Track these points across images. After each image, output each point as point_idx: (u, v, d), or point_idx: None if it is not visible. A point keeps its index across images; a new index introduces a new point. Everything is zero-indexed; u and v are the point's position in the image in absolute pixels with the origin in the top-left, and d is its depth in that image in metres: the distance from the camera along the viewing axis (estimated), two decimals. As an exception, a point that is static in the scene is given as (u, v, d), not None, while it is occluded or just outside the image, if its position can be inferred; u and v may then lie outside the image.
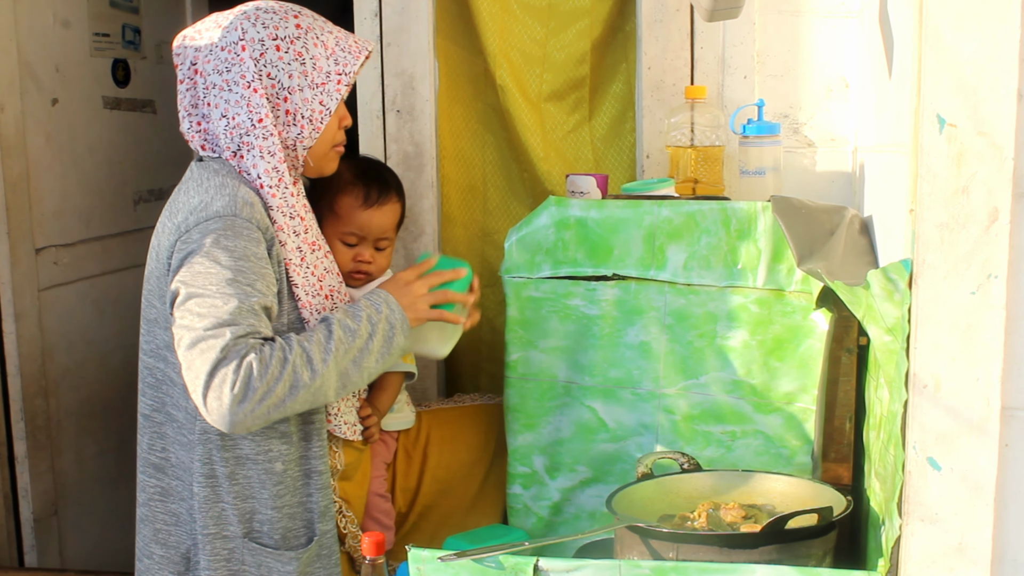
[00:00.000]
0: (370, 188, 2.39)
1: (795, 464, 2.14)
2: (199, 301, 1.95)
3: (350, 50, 2.12)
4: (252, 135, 2.07)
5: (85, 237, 3.42)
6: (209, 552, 2.08)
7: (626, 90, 2.79)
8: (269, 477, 2.08)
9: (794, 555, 1.72)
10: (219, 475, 2.07)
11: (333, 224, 2.38)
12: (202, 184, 2.07)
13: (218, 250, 1.97)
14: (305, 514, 2.14)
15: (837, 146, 2.58)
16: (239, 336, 1.92)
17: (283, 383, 1.94)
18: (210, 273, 1.96)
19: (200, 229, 1.99)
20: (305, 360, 1.97)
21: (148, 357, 2.14)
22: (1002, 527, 1.52)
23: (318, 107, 2.09)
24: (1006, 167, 1.45)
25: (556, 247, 2.31)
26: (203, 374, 1.91)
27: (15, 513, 3.16)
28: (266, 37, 2.07)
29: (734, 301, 2.18)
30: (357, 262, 2.39)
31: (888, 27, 1.99)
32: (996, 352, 1.48)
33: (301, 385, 1.96)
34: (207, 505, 2.08)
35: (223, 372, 1.90)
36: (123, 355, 3.50)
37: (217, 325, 1.93)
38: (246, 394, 1.91)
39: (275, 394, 1.93)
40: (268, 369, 1.92)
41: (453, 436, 2.56)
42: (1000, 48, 1.43)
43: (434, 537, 2.40)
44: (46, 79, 3.24)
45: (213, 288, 1.95)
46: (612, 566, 1.67)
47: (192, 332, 1.93)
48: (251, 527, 2.10)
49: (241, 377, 1.90)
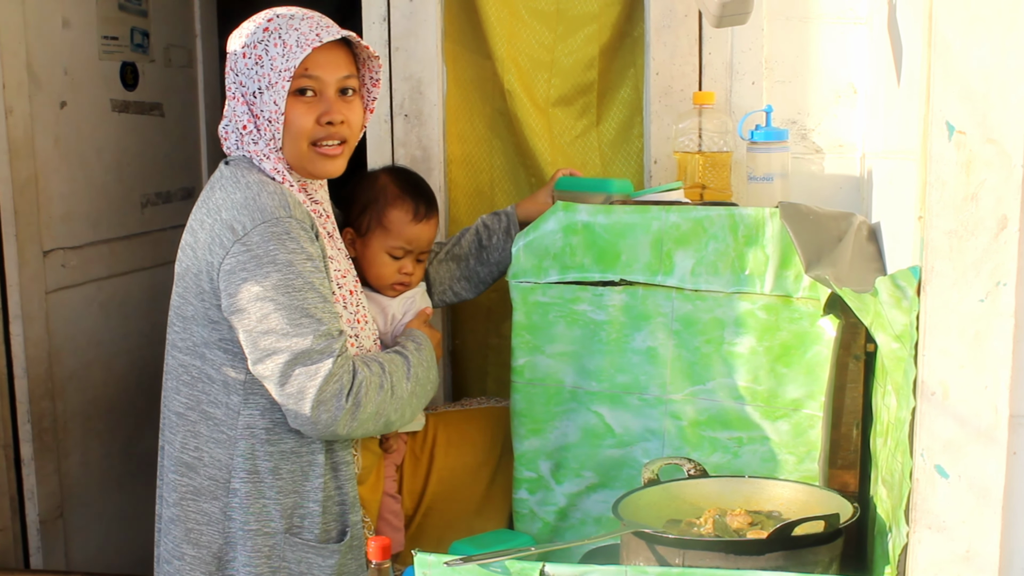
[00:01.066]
0: (419, 203, 2.45)
1: (802, 471, 2.14)
2: (282, 316, 2.00)
3: (303, 44, 2.07)
4: (245, 142, 2.11)
5: (93, 240, 3.42)
6: (250, 549, 2.08)
7: (634, 95, 2.79)
8: (312, 470, 2.10)
9: (800, 562, 1.71)
10: (262, 470, 2.08)
11: (381, 238, 2.43)
12: (239, 181, 2.07)
13: (285, 255, 2.01)
14: (338, 507, 2.16)
15: (845, 152, 2.58)
16: (338, 354, 2.03)
17: (384, 395, 2.10)
18: (289, 284, 2.01)
19: (260, 232, 2.00)
20: (401, 375, 2.17)
21: (183, 354, 2.13)
22: (1010, 535, 1.51)
23: (272, 107, 2.09)
24: (1015, 174, 1.45)
25: (563, 252, 2.31)
26: (314, 387, 2.01)
27: (21, 515, 3.16)
28: (238, 47, 2.12)
29: (741, 307, 2.17)
30: (401, 274, 2.45)
31: (897, 34, 1.99)
32: (1004, 360, 1.48)
33: (392, 400, 2.12)
34: (248, 501, 2.08)
35: (332, 386, 2.02)
36: (129, 357, 3.51)
37: (320, 336, 2.02)
38: (357, 406, 2.05)
39: (375, 411, 2.09)
40: (378, 384, 2.09)
41: (460, 438, 2.56)
42: (1009, 55, 1.43)
43: (440, 541, 2.40)
44: (54, 82, 3.24)
45: (298, 300, 2.01)
46: (618, 572, 1.66)
47: (287, 349, 2.01)
48: (292, 522, 2.10)
49: (354, 389, 2.04)
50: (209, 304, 2.07)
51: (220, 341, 2.08)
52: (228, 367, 2.09)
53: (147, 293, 3.61)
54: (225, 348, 2.08)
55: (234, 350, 2.08)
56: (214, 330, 2.08)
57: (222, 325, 2.07)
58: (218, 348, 2.08)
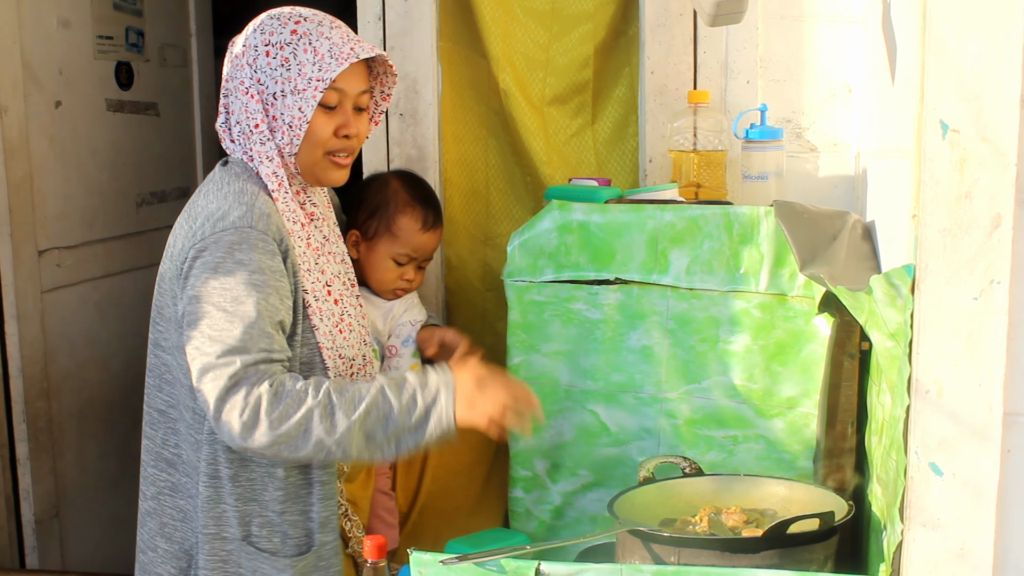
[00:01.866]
0: (428, 212, 2.47)
1: (797, 469, 2.14)
2: (210, 322, 1.96)
3: (338, 56, 2.08)
4: (252, 140, 2.10)
5: (88, 239, 3.42)
6: (207, 552, 2.08)
7: (629, 94, 2.79)
8: (271, 481, 2.08)
9: (795, 560, 1.71)
10: (222, 475, 2.07)
11: (388, 243, 2.44)
12: (222, 189, 2.07)
13: (231, 263, 1.98)
14: (306, 523, 2.13)
15: (840, 151, 2.58)
16: (248, 364, 1.94)
17: (295, 424, 1.92)
18: (224, 289, 1.97)
19: (215, 239, 2.00)
20: (327, 411, 1.94)
21: (165, 354, 2.13)
22: (1004, 533, 1.52)
23: (297, 113, 2.08)
24: (1009, 173, 1.45)
25: (558, 251, 2.31)
26: (213, 399, 1.93)
27: (16, 515, 3.16)
28: (260, 43, 2.09)
29: (736, 306, 2.18)
30: (403, 280, 2.47)
31: (891, 32, 1.99)
32: (998, 358, 1.48)
33: (313, 432, 1.93)
34: (208, 505, 2.08)
35: (233, 400, 1.92)
36: (125, 357, 3.50)
37: (227, 352, 1.94)
38: (256, 423, 1.91)
39: (285, 432, 1.92)
40: (281, 403, 1.93)
41: (455, 437, 2.56)
42: (1003, 54, 1.44)
43: (436, 540, 2.40)
44: (49, 81, 3.24)
45: (227, 305, 1.96)
46: (613, 570, 1.67)
47: (204, 357, 1.95)
48: (249, 530, 2.10)
49: (251, 406, 1.92)
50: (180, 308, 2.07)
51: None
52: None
53: (142, 293, 3.59)
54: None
55: None
56: (183, 334, 2.08)
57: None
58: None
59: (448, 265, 2.90)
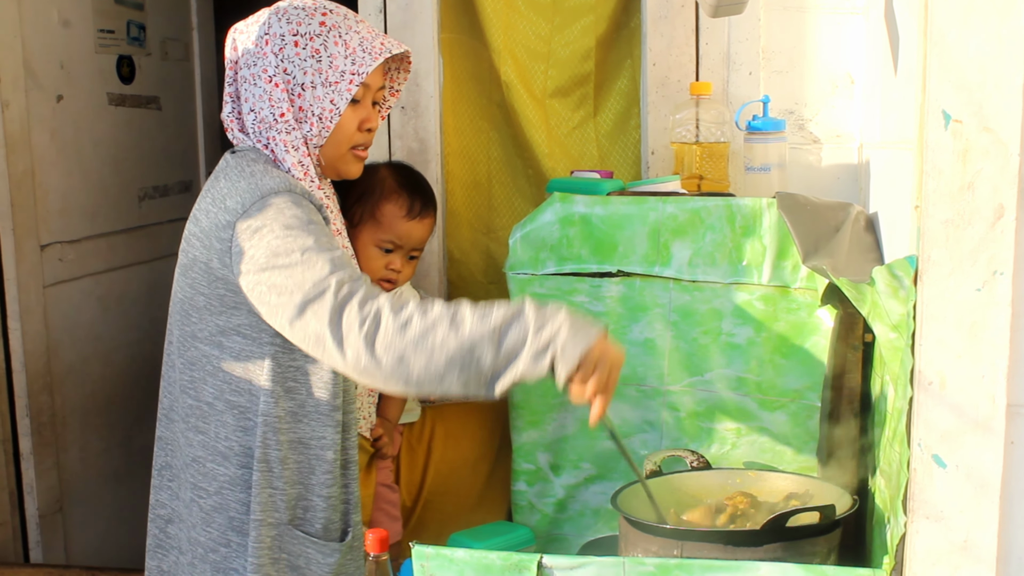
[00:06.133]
0: (414, 200, 2.43)
1: (800, 461, 2.14)
2: (288, 274, 1.91)
3: (371, 51, 2.09)
4: (275, 129, 2.08)
5: (90, 234, 3.42)
6: (254, 539, 2.07)
7: (631, 86, 2.78)
8: (320, 464, 2.08)
9: (799, 552, 1.71)
10: (271, 459, 2.06)
11: (372, 230, 2.40)
12: (244, 170, 2.06)
13: (288, 217, 1.95)
14: (343, 505, 2.14)
15: (842, 142, 2.58)
16: (346, 281, 1.87)
17: (422, 331, 1.81)
18: (288, 240, 1.93)
19: (259, 206, 1.98)
20: (453, 320, 1.82)
21: (204, 345, 2.10)
22: (1007, 525, 1.51)
23: (328, 105, 2.09)
24: (1012, 163, 1.44)
25: (560, 244, 2.31)
26: (326, 324, 1.85)
27: (20, 509, 3.16)
28: (287, 32, 2.08)
29: (739, 298, 2.17)
30: (388, 270, 2.42)
31: (893, 23, 1.99)
32: (1002, 349, 1.47)
33: (430, 335, 1.80)
34: (257, 490, 2.07)
35: (347, 317, 1.84)
36: (128, 352, 3.50)
37: (319, 282, 1.88)
38: (378, 330, 1.82)
39: (412, 339, 1.81)
40: (403, 309, 1.83)
41: (458, 431, 2.56)
42: (1005, 44, 1.43)
43: (439, 533, 2.40)
44: (51, 76, 3.24)
45: (297, 255, 1.92)
46: (616, 563, 1.66)
47: (292, 303, 1.89)
48: (295, 514, 2.09)
49: (371, 316, 1.83)
50: (224, 290, 2.04)
51: (237, 327, 2.06)
52: (246, 353, 2.07)
53: (145, 287, 3.61)
54: (244, 334, 2.05)
55: (252, 335, 2.05)
56: (231, 317, 2.05)
57: (239, 311, 2.04)
58: (236, 334, 2.06)
59: (450, 258, 2.90)
